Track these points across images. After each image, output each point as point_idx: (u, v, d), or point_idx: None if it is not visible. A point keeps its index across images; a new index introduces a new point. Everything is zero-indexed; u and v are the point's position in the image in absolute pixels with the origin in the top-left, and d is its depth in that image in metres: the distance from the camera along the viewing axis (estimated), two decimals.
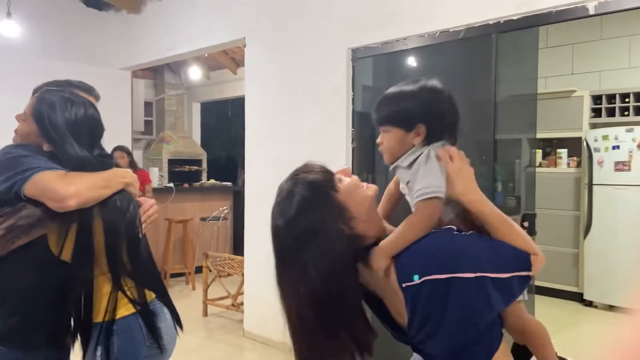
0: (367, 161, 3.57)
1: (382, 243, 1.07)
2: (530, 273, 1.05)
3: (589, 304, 5.01)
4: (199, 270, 5.77)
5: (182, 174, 7.05)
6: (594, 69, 5.43)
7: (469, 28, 2.87)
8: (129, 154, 5.32)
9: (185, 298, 5.52)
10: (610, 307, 4.87)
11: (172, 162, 7.19)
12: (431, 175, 1.08)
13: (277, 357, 3.76)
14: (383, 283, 1.09)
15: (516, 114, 3.28)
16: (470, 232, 1.08)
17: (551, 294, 5.07)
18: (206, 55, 5.78)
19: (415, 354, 1.18)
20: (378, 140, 1.18)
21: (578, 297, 5.08)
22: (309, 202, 1.05)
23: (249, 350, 4.03)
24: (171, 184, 6.42)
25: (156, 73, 7.63)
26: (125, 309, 1.52)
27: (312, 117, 3.64)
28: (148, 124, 7.55)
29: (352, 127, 3.42)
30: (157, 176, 6.59)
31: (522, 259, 1.05)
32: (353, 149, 3.44)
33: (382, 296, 1.13)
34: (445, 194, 1.08)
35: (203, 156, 7.60)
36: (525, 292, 1.14)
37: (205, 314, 4.79)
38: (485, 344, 1.07)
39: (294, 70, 3.77)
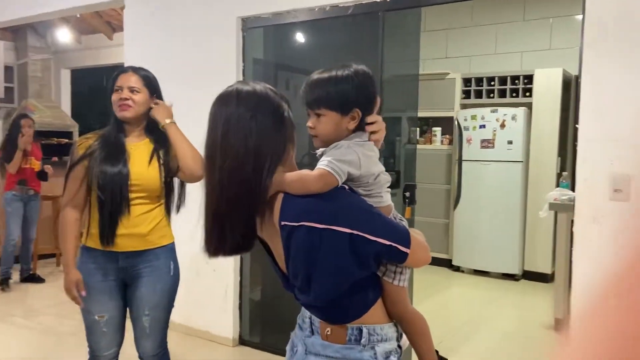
0: None
1: (278, 174, 1.13)
2: (407, 250, 1.10)
3: (457, 269, 5.50)
4: None
5: (50, 147, 6.45)
6: (465, 54, 5.86)
7: (358, 4, 2.94)
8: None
9: (58, 280, 5.12)
10: (475, 272, 5.39)
11: (38, 134, 6.53)
12: (346, 158, 1.11)
13: None
14: (268, 222, 1.14)
15: (400, 94, 3.44)
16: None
17: None
18: (78, 16, 5.29)
19: (302, 309, 1.24)
20: (309, 123, 1.17)
21: (448, 263, 5.55)
22: (273, 108, 1.14)
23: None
24: None
25: (17, 34, 6.84)
26: None
27: (199, 90, 3.51)
28: (9, 90, 6.79)
29: None
30: None
31: (402, 234, 1.11)
32: None
33: (268, 239, 1.19)
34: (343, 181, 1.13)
35: (74, 128, 7.00)
36: (405, 279, 1.20)
37: None
38: (358, 300, 1.14)
39: (179, 37, 3.59)
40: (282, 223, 1.10)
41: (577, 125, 2.32)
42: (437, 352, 1.28)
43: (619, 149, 2.21)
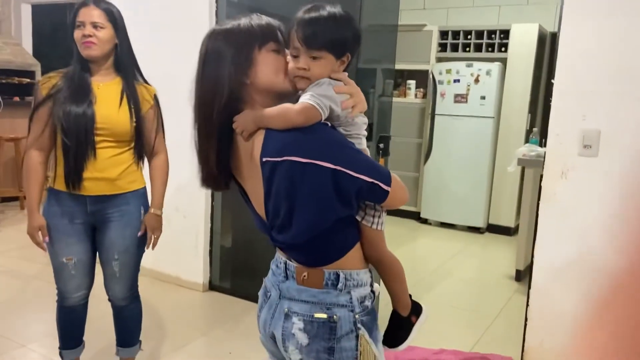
0: None
1: (257, 110, 1.12)
2: (388, 188, 1.11)
3: (425, 221, 5.61)
4: None
5: (10, 87, 6.17)
6: (443, 6, 5.78)
7: None
8: None
9: (21, 223, 5.02)
10: (442, 224, 5.51)
11: None
12: (328, 94, 1.09)
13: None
14: (246, 161, 1.14)
15: (377, 44, 3.38)
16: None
17: (394, 213, 5.56)
18: None
19: (277, 254, 1.24)
20: (302, 64, 1.10)
21: (416, 216, 5.66)
22: (237, 35, 1.13)
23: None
24: None
25: None
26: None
27: (170, 33, 3.38)
28: None
29: None
30: None
31: (384, 173, 1.12)
32: None
33: (246, 180, 1.18)
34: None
35: (36, 67, 6.67)
36: (383, 222, 1.20)
37: None
38: (337, 242, 1.15)
39: None
40: (264, 159, 1.08)
41: (552, 80, 2.33)
42: (410, 295, 1.31)
43: (591, 104, 2.24)
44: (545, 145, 3.96)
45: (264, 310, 1.25)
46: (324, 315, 1.13)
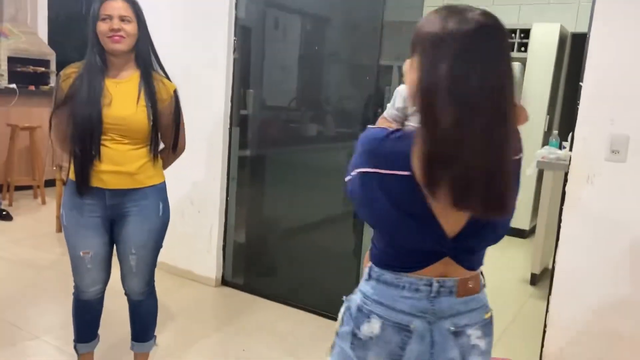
0: (250, 75, 3.43)
1: None
2: None
3: None
4: (48, 183, 5.28)
5: (26, 75, 6.18)
6: (464, 3, 5.69)
7: None
8: None
9: (35, 212, 5.04)
10: None
11: (12, 61, 6.24)
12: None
13: None
14: None
15: (399, 41, 3.33)
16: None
17: None
18: None
19: (408, 278, 1.10)
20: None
21: None
22: None
23: None
24: (13, 85, 5.62)
25: None
26: None
27: (189, 22, 3.35)
28: None
29: (235, 36, 3.21)
30: None
31: None
32: (234, 59, 3.26)
33: None
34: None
35: (51, 56, 6.69)
36: None
37: (60, 229, 4.42)
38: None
39: None
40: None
41: (580, 83, 2.27)
42: None
43: (620, 109, 2.19)
44: (564, 148, 3.92)
45: (411, 346, 1.07)
46: (489, 314, 1.15)
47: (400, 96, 1.15)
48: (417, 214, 1.03)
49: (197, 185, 3.46)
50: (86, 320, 2.18)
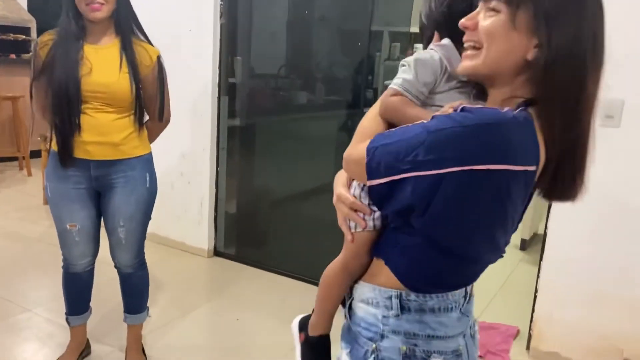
0: (238, 41, 3.34)
1: None
2: None
3: None
4: (34, 154, 5.19)
5: (6, 43, 6.00)
6: None
7: None
8: None
9: (21, 184, 4.97)
10: None
11: None
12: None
13: None
14: None
15: (391, 5, 3.25)
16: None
17: None
18: None
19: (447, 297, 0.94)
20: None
21: None
22: None
23: None
24: None
25: None
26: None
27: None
28: None
29: (221, 0, 3.11)
30: None
31: None
32: (221, 25, 3.16)
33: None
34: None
35: (32, 23, 6.48)
36: None
37: (47, 201, 4.37)
38: None
39: None
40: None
41: None
42: None
43: (618, 73, 2.14)
44: None
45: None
46: None
47: (430, 68, 0.93)
48: (517, 219, 0.88)
49: (186, 157, 3.41)
50: (77, 293, 2.16)
